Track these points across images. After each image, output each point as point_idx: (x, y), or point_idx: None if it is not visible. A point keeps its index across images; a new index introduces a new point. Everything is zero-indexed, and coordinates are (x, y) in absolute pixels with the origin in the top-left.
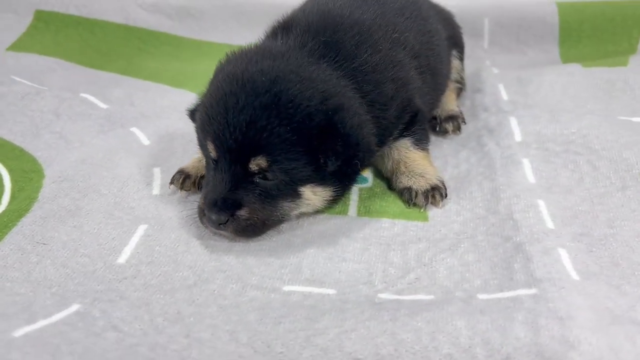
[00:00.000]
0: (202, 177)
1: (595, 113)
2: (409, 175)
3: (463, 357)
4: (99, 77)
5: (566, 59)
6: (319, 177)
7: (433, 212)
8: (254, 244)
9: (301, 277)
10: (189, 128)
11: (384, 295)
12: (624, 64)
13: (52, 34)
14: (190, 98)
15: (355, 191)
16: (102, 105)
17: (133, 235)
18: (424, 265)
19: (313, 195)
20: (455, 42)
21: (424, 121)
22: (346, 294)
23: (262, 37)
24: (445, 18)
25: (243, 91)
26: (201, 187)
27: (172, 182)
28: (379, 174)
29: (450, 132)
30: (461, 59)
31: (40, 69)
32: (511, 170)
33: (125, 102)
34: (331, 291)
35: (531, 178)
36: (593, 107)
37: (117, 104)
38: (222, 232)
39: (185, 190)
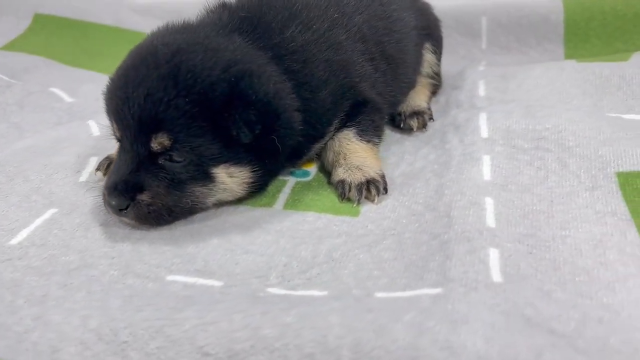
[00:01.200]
0: None
1: (580, 109)
2: (346, 168)
3: (325, 358)
4: (78, 75)
5: (571, 59)
6: (233, 156)
7: (367, 207)
8: (156, 232)
9: (191, 268)
10: None
11: (273, 290)
12: (625, 59)
13: (46, 36)
14: None
15: (290, 184)
16: (68, 99)
17: (37, 218)
18: (333, 260)
19: (228, 177)
20: (430, 34)
21: (373, 112)
22: (232, 287)
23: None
24: (419, 8)
25: (144, 64)
26: None
27: (98, 168)
28: (325, 170)
29: (415, 129)
30: (436, 52)
31: (24, 67)
32: (466, 167)
33: (91, 97)
34: (218, 283)
35: (487, 175)
36: (580, 103)
37: (82, 98)
38: (124, 218)
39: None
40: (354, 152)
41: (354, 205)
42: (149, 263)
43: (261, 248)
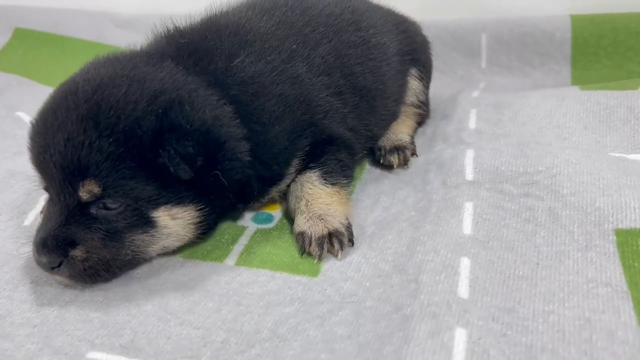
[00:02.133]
0: None
1: (580, 147)
2: (308, 217)
3: None
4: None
5: (579, 81)
6: (174, 195)
7: (329, 264)
8: (89, 293)
9: (117, 342)
10: None
11: None
12: (634, 87)
13: (24, 52)
14: None
15: (248, 232)
16: None
17: None
18: (277, 337)
19: (171, 220)
20: (416, 59)
21: (340, 150)
22: None
23: None
24: (404, 30)
25: (63, 105)
26: None
27: (42, 211)
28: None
29: (396, 166)
30: (422, 79)
31: None
32: (445, 216)
33: None
34: None
35: (467, 228)
36: (580, 139)
37: None
38: (57, 276)
39: None
40: (316, 198)
41: (315, 261)
42: (72, 334)
43: (199, 318)
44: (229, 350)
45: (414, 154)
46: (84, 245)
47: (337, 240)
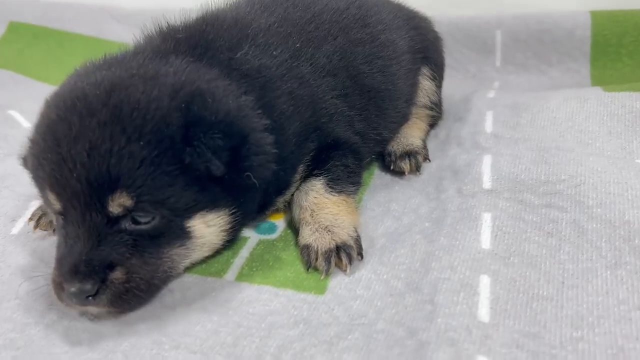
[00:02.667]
0: None
1: (604, 154)
2: (314, 228)
3: None
4: (45, 92)
5: (599, 81)
6: (208, 200)
7: (337, 279)
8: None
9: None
10: None
11: None
12: None
13: (20, 47)
14: None
15: (250, 244)
16: (25, 124)
17: None
18: None
19: (206, 228)
20: (428, 57)
21: (346, 156)
22: None
23: None
24: (415, 26)
25: (74, 113)
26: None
27: (31, 218)
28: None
29: (407, 173)
30: (435, 78)
31: None
32: (462, 229)
33: None
34: None
35: (486, 242)
36: (604, 145)
37: None
38: (92, 307)
39: (41, 230)
40: (322, 208)
41: (321, 277)
42: (59, 359)
43: (196, 341)
44: None
45: (426, 159)
46: (124, 266)
47: (345, 254)
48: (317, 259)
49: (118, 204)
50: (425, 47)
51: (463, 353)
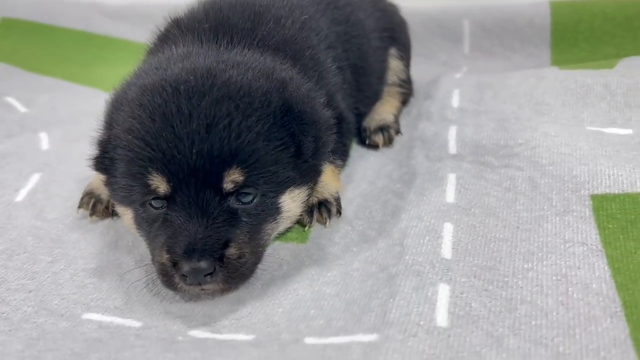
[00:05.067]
0: None
1: (558, 122)
2: None
3: None
4: (37, 82)
5: (558, 64)
6: (296, 176)
7: (317, 231)
8: (81, 262)
9: (111, 305)
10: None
11: (194, 332)
12: (611, 66)
13: (13, 41)
14: None
15: None
16: (22, 109)
17: None
18: (268, 297)
19: (292, 203)
20: (394, 37)
21: (344, 133)
22: (151, 328)
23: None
24: (381, 9)
25: (182, 95)
26: (116, 213)
27: (80, 206)
28: None
29: (381, 146)
30: (402, 58)
31: None
32: (429, 187)
33: (47, 107)
34: (136, 323)
35: (450, 197)
36: (559, 114)
37: (38, 108)
38: (208, 286)
39: (97, 216)
40: None
41: (306, 229)
42: (67, 298)
43: None
44: (220, 310)
45: (398, 132)
46: (236, 243)
47: (325, 210)
48: (300, 214)
49: (232, 180)
50: (391, 29)
51: (427, 281)
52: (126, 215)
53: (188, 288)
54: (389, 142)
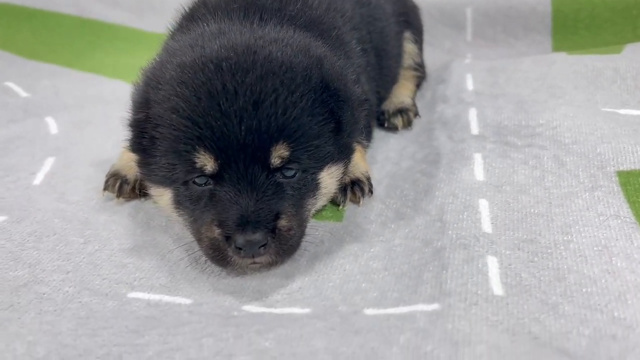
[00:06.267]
0: (142, 180)
1: (573, 104)
2: None
3: None
4: (35, 68)
5: (559, 51)
6: (334, 152)
7: (351, 210)
8: (116, 242)
9: (156, 283)
10: (107, 117)
11: (248, 307)
12: (618, 51)
13: (4, 28)
14: (123, 88)
15: None
16: (23, 94)
17: None
18: (316, 272)
19: (330, 179)
20: (409, 21)
21: (369, 114)
22: (202, 305)
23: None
24: None
25: (226, 72)
26: (144, 194)
27: (106, 188)
28: None
29: (400, 128)
30: (417, 42)
31: None
32: (457, 166)
33: (50, 92)
34: (186, 300)
35: (480, 175)
36: (573, 97)
37: (39, 93)
38: (260, 258)
39: (124, 198)
40: None
41: (339, 208)
42: (109, 278)
43: None
44: (270, 285)
45: (416, 115)
46: (286, 215)
47: (358, 188)
48: (335, 192)
49: (278, 155)
50: (405, 13)
51: (475, 254)
52: (164, 195)
53: (241, 261)
54: (407, 124)
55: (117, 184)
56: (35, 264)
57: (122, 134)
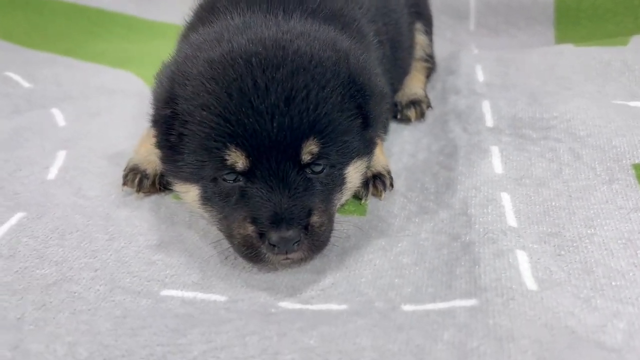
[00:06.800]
0: (162, 175)
1: (584, 96)
2: None
3: None
4: (34, 57)
5: (562, 41)
6: (360, 147)
7: (374, 204)
8: (142, 238)
9: (188, 280)
10: (114, 108)
11: (284, 304)
12: (624, 43)
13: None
14: (126, 77)
15: None
16: (25, 84)
17: (2, 225)
18: (346, 268)
19: (355, 174)
20: (420, 12)
21: (387, 107)
22: (238, 302)
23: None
24: None
25: (256, 68)
26: (164, 187)
27: (125, 183)
28: None
29: (413, 119)
30: (428, 33)
31: None
32: (475, 159)
33: (52, 82)
34: (220, 297)
35: (498, 168)
36: (583, 89)
37: (42, 84)
38: (294, 254)
39: (144, 193)
40: None
41: (362, 202)
42: (139, 275)
43: None
44: (303, 281)
45: (429, 106)
46: (317, 211)
47: (380, 182)
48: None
49: (309, 151)
50: (416, 3)
51: (504, 248)
52: (190, 192)
53: (274, 257)
54: (420, 115)
55: (137, 179)
56: (62, 262)
57: (132, 126)
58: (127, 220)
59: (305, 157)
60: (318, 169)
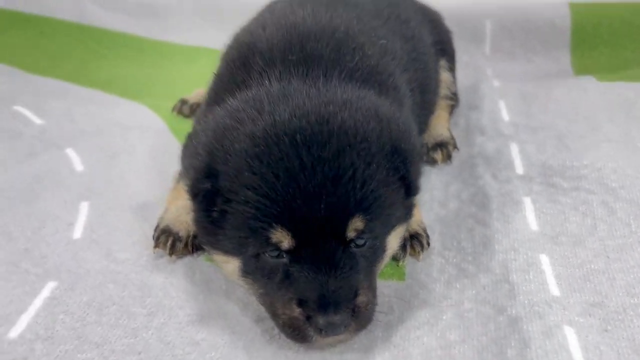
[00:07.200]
0: (194, 236)
1: (612, 139)
2: None
3: None
4: (40, 85)
5: (578, 68)
6: (401, 214)
7: (411, 266)
8: (182, 313)
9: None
10: (131, 147)
11: None
12: None
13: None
14: (140, 111)
15: None
16: (37, 121)
17: (36, 298)
18: (394, 347)
19: (394, 240)
20: (444, 49)
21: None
22: None
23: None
24: (432, 20)
25: (300, 146)
26: (196, 249)
27: (157, 246)
28: None
29: (440, 162)
30: (451, 69)
31: None
32: (509, 212)
33: (64, 117)
34: None
35: (533, 224)
36: (609, 130)
37: (54, 119)
38: (343, 336)
39: (177, 256)
40: None
41: (399, 264)
42: (182, 357)
43: None
44: None
45: (455, 147)
46: (363, 289)
47: (417, 242)
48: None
49: (354, 228)
50: (440, 40)
51: (551, 324)
52: (230, 263)
53: (322, 340)
54: (447, 158)
55: (169, 242)
56: (103, 344)
57: (153, 169)
58: (163, 290)
59: (350, 234)
60: (361, 242)
